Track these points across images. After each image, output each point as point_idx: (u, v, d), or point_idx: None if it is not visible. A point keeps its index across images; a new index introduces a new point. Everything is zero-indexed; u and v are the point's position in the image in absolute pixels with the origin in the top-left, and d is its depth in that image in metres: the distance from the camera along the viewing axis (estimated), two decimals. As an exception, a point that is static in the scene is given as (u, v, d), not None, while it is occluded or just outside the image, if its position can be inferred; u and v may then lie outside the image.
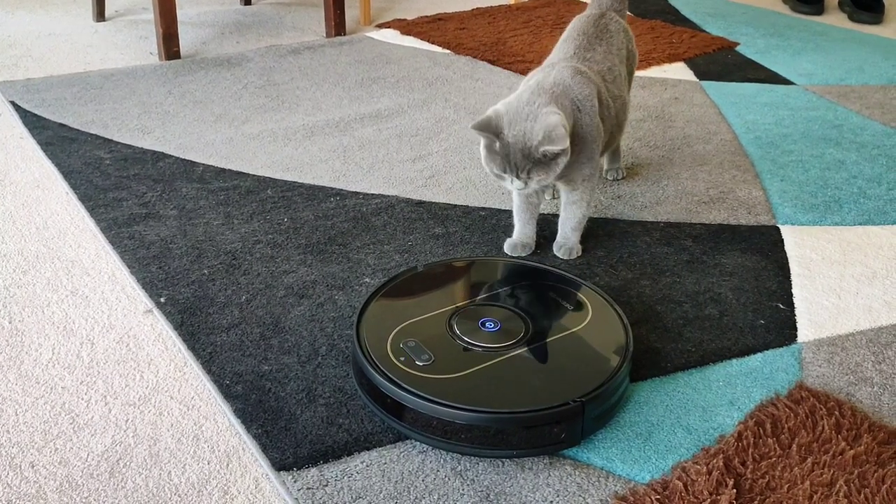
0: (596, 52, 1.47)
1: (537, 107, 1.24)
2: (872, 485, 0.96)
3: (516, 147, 1.23)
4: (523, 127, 1.23)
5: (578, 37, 1.49)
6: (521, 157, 1.23)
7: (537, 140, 1.22)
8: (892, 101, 2.18)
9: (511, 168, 1.24)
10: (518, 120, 1.23)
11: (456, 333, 1.11)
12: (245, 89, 2.21)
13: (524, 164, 1.24)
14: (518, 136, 1.23)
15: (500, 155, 1.25)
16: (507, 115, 1.24)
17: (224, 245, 1.46)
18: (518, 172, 1.24)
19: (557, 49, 1.52)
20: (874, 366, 1.18)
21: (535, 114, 1.23)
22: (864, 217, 1.59)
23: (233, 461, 1.00)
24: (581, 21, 1.54)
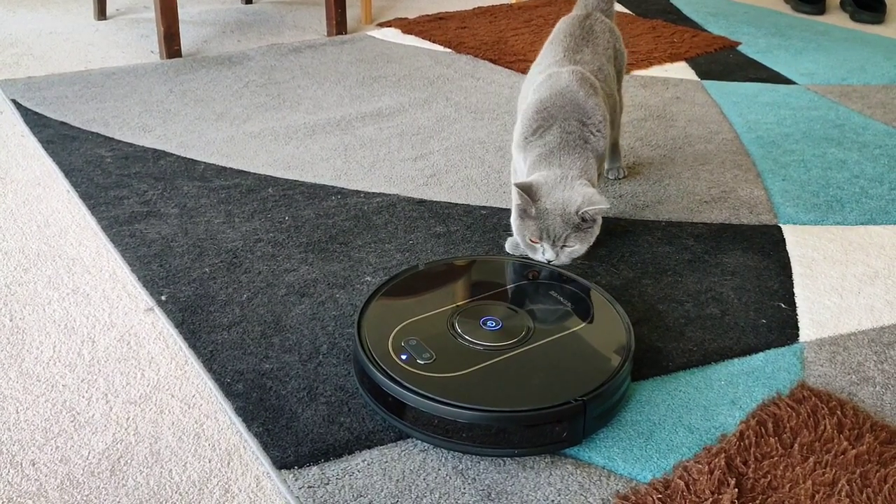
0: (584, 54, 1.47)
1: (570, 180, 1.27)
2: (874, 484, 0.96)
3: (555, 213, 1.24)
4: (561, 195, 1.25)
5: (565, 39, 1.50)
6: (560, 222, 1.24)
7: (577, 204, 1.24)
8: (894, 101, 2.17)
9: (548, 235, 1.25)
10: (556, 190, 1.26)
11: (457, 332, 1.11)
12: (246, 88, 2.21)
13: (563, 231, 1.24)
14: (557, 202, 1.25)
15: (535, 221, 1.25)
16: (545, 185, 1.27)
17: (225, 243, 1.46)
18: (554, 241, 1.25)
19: (546, 52, 1.52)
20: (876, 365, 1.18)
21: (570, 185, 1.27)
22: (865, 216, 1.59)
23: (234, 459, 1.00)
24: (566, 23, 1.55)
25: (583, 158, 1.31)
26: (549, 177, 1.28)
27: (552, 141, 1.32)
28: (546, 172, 1.29)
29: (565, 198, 1.25)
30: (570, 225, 1.24)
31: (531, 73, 1.55)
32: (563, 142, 1.32)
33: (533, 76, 1.52)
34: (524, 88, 1.55)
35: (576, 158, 1.31)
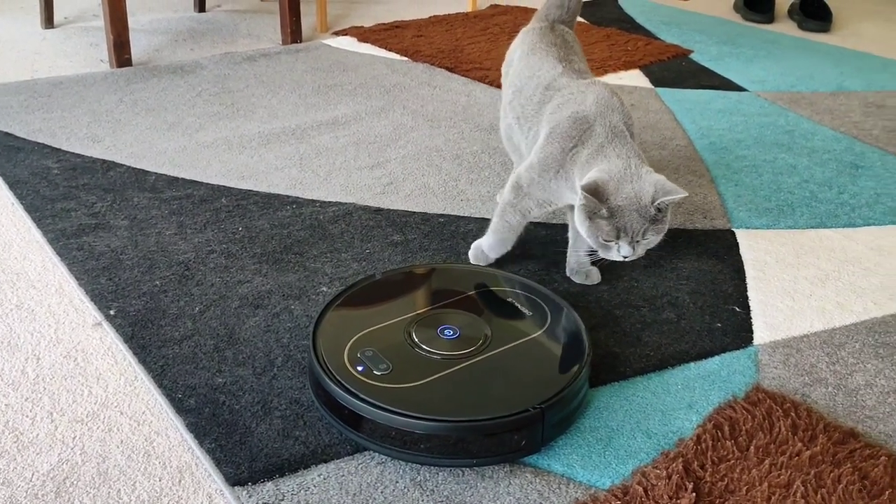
0: (574, 63, 1.41)
1: (635, 168, 1.19)
2: (828, 485, 0.97)
3: (630, 209, 1.17)
4: (632, 188, 1.17)
5: (550, 47, 1.44)
6: (637, 217, 1.17)
7: (650, 195, 1.17)
8: (841, 107, 2.23)
9: (625, 233, 1.18)
10: (624, 183, 1.18)
11: (414, 341, 1.10)
12: (199, 97, 2.17)
13: (641, 226, 1.17)
14: (630, 197, 1.17)
15: (608, 221, 1.18)
16: (612, 180, 1.18)
17: (177, 255, 1.42)
18: (632, 236, 1.18)
19: (531, 64, 1.43)
20: (828, 366, 1.20)
21: (637, 174, 1.19)
22: (815, 220, 1.62)
23: (185, 477, 0.97)
24: (538, 34, 1.48)
25: (635, 148, 1.23)
26: (612, 170, 1.19)
27: (599, 138, 1.24)
28: (606, 166, 1.20)
29: (637, 190, 1.17)
30: (647, 218, 1.17)
31: (506, 91, 1.48)
32: (612, 134, 1.24)
33: (517, 92, 1.43)
34: (506, 106, 1.47)
35: (629, 148, 1.22)
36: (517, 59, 1.49)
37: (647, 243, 1.20)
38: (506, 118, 1.49)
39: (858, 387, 1.15)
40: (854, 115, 2.17)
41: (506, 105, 1.48)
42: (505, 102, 1.49)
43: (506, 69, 1.57)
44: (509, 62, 1.55)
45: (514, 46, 1.56)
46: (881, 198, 1.71)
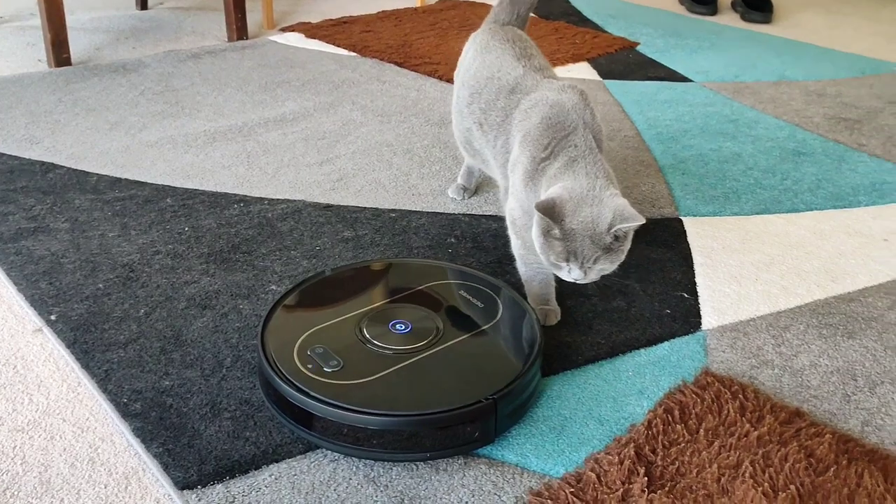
0: (534, 59, 1.36)
1: (599, 190, 1.13)
2: (776, 463, 0.99)
3: (584, 234, 1.10)
4: (590, 212, 1.11)
5: (504, 44, 1.38)
6: (589, 244, 1.11)
7: (608, 221, 1.10)
8: (783, 96, 2.27)
9: (575, 257, 1.12)
10: (583, 206, 1.11)
11: (365, 337, 1.09)
12: (142, 96, 2.12)
13: (592, 253, 1.11)
14: (585, 221, 1.10)
15: (561, 242, 1.12)
16: (570, 200, 1.12)
17: (120, 257, 1.39)
18: (583, 262, 1.12)
19: (490, 63, 1.37)
20: (774, 349, 1.22)
21: (599, 197, 1.12)
22: (760, 206, 1.65)
23: (132, 483, 0.95)
24: (488, 33, 1.44)
25: (604, 167, 1.17)
26: (573, 189, 1.13)
27: (571, 151, 1.17)
28: (570, 183, 1.14)
29: (594, 214, 1.10)
30: (601, 245, 1.11)
31: (462, 93, 1.43)
32: (586, 149, 1.17)
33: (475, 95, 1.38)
34: (457, 107, 1.45)
35: (599, 167, 1.16)
36: (470, 59, 1.44)
37: (599, 270, 1.14)
38: (464, 121, 1.42)
39: (803, 367, 1.18)
40: (796, 103, 2.22)
41: (463, 108, 1.41)
42: (462, 105, 1.42)
43: (458, 78, 1.50)
44: (461, 66, 1.50)
45: (465, 51, 1.51)
46: (822, 183, 1.75)
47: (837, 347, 1.22)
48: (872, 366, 1.18)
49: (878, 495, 0.94)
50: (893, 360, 1.19)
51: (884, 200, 1.68)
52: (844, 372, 1.17)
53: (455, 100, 1.48)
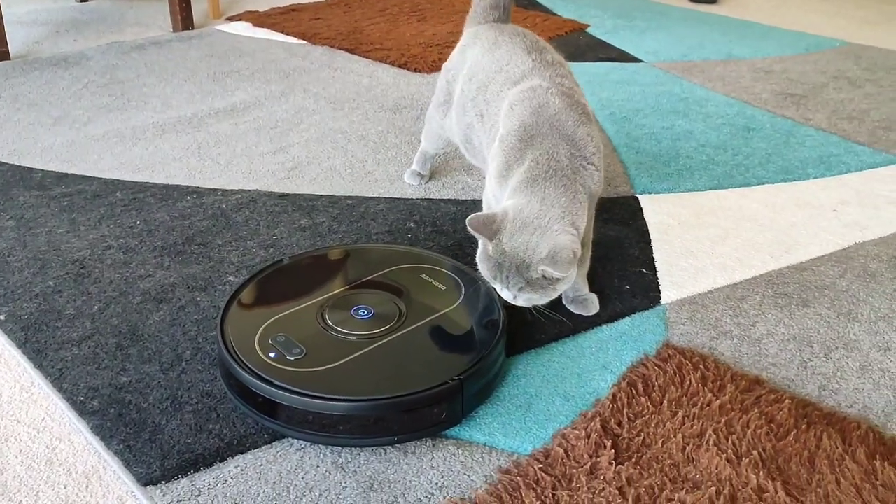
0: (546, 54, 1.29)
1: (548, 221, 1.06)
2: (738, 430, 1.00)
3: (512, 261, 1.06)
4: (527, 240, 1.05)
5: (515, 38, 1.32)
6: (515, 271, 1.06)
7: (539, 257, 1.05)
8: (732, 74, 2.31)
9: (502, 279, 1.08)
10: (524, 231, 1.06)
11: (328, 324, 1.08)
12: (86, 89, 2.07)
13: (517, 281, 1.06)
14: (518, 248, 1.05)
15: (493, 260, 1.08)
16: (513, 221, 1.06)
17: (70, 254, 1.35)
18: (508, 287, 1.08)
19: (500, 57, 1.30)
20: (732, 319, 1.24)
21: (544, 228, 1.06)
22: (713, 182, 1.68)
23: (93, 482, 0.92)
24: (494, 29, 1.38)
25: (569, 194, 1.10)
26: (523, 210, 1.07)
27: (535, 167, 1.11)
28: (523, 202, 1.08)
29: (531, 244, 1.05)
30: (526, 278, 1.06)
31: (467, 87, 1.35)
32: (550, 169, 1.10)
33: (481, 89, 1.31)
34: (460, 101, 1.37)
35: (561, 193, 1.09)
36: (477, 55, 1.36)
37: (528, 298, 1.09)
38: (466, 115, 1.36)
39: (761, 336, 1.20)
40: (744, 80, 2.25)
41: (467, 102, 1.34)
42: (466, 98, 1.35)
43: (453, 73, 1.43)
44: (457, 65, 1.43)
45: (460, 48, 1.44)
46: (772, 157, 1.79)
47: (793, 316, 1.25)
48: (827, 332, 1.21)
49: (836, 456, 0.97)
50: (846, 327, 1.22)
51: (831, 172, 1.72)
52: (800, 339, 1.19)
53: (458, 96, 1.39)
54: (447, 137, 1.51)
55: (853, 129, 1.93)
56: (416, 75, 2.25)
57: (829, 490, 0.92)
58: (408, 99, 2.07)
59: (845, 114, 2.02)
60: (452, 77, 1.45)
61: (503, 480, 0.93)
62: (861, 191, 1.64)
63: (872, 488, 0.92)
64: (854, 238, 1.47)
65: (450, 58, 1.49)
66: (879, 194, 1.63)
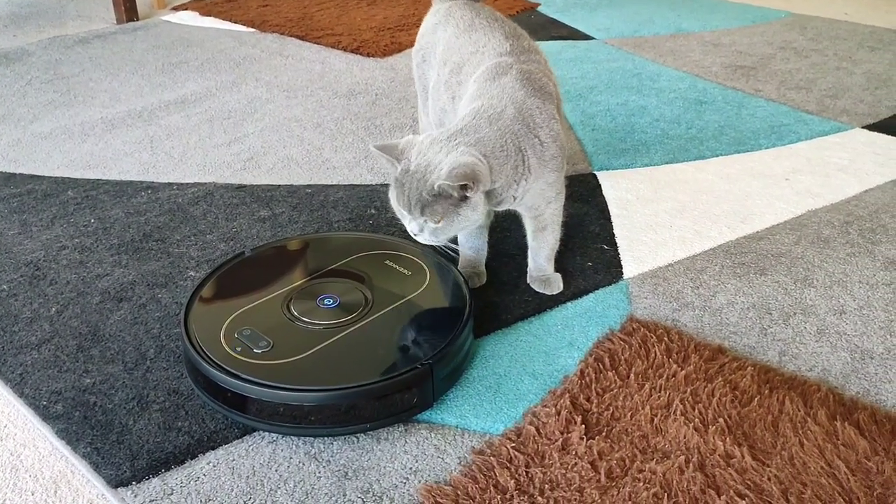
0: (523, 41, 1.27)
1: (456, 144, 1.04)
2: (704, 399, 1.02)
3: (414, 177, 1.02)
4: (432, 158, 1.02)
5: (493, 22, 1.29)
6: (415, 190, 1.02)
7: (437, 174, 1.01)
8: (682, 48, 2.34)
9: (404, 203, 1.04)
10: (431, 151, 1.03)
11: (294, 315, 1.07)
12: (29, 85, 2.01)
13: (416, 202, 1.03)
14: (421, 166, 1.02)
15: (398, 183, 1.04)
16: (423, 143, 1.04)
17: (23, 256, 1.32)
18: (410, 211, 1.04)
19: (477, 39, 1.27)
20: (693, 290, 1.26)
21: (453, 147, 1.03)
22: (669, 156, 1.70)
23: (61, 487, 0.91)
24: (467, 8, 1.34)
25: (497, 138, 1.06)
26: (432, 135, 1.05)
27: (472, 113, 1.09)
28: (435, 132, 1.07)
29: (434, 162, 1.02)
30: (423, 197, 1.02)
31: (442, 71, 1.30)
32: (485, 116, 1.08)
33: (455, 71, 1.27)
34: (439, 87, 1.32)
35: (486, 131, 1.06)
36: (451, 37, 1.32)
37: (435, 229, 1.04)
38: (440, 99, 1.31)
39: (721, 306, 1.22)
40: (694, 54, 2.28)
41: (440, 86, 1.30)
42: (440, 82, 1.31)
43: (423, 54, 1.39)
44: (429, 45, 1.38)
45: (430, 25, 1.39)
46: (725, 129, 1.82)
47: (751, 284, 1.27)
48: (784, 299, 1.24)
49: (799, 419, 0.99)
50: (803, 292, 1.25)
51: (782, 142, 1.76)
52: (760, 307, 1.22)
53: (434, 81, 1.35)
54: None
55: (801, 99, 1.97)
56: (368, 60, 2.23)
57: (794, 452, 0.95)
58: (362, 84, 2.05)
59: (793, 84, 2.06)
60: (422, 58, 1.39)
61: (477, 461, 0.93)
62: (811, 159, 1.68)
63: (834, 448, 0.95)
64: (807, 206, 1.50)
65: (417, 38, 1.42)
66: (829, 162, 1.66)
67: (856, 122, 1.85)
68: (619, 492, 0.90)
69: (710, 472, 0.92)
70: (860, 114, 1.88)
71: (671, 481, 0.91)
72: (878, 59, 2.24)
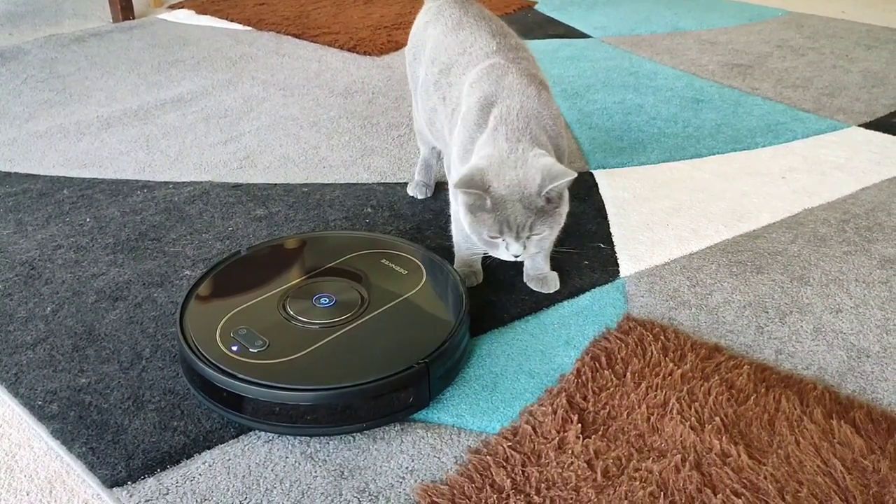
0: (510, 38, 1.28)
1: (522, 152, 1.07)
2: (700, 398, 1.02)
3: (513, 199, 1.05)
4: (516, 174, 1.05)
5: (480, 21, 1.30)
6: (521, 209, 1.05)
7: (537, 183, 1.05)
8: (679, 47, 2.33)
9: (510, 227, 1.06)
10: (505, 169, 1.06)
11: (290, 314, 1.07)
12: (25, 84, 2.00)
13: (526, 218, 1.05)
14: (512, 185, 1.05)
15: (491, 215, 1.06)
16: (490, 168, 1.06)
17: (18, 255, 1.31)
18: (519, 231, 1.06)
19: (464, 39, 1.27)
20: (690, 289, 1.26)
21: (523, 159, 1.06)
22: (666, 154, 1.70)
23: (56, 487, 0.91)
24: (457, 6, 1.34)
25: (532, 129, 1.10)
26: (493, 157, 1.07)
27: (497, 120, 1.12)
28: (489, 151, 1.09)
29: (521, 177, 1.05)
30: (533, 210, 1.05)
31: (431, 70, 1.30)
32: (511, 116, 1.11)
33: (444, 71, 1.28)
34: (423, 86, 1.33)
35: (524, 129, 1.10)
36: (439, 35, 1.32)
37: (538, 238, 1.08)
38: (430, 99, 1.32)
39: (718, 305, 1.22)
40: (691, 52, 2.28)
41: (430, 86, 1.31)
42: (429, 83, 1.31)
43: (414, 53, 1.39)
44: (419, 43, 1.38)
45: (421, 24, 1.39)
46: (722, 128, 1.82)
47: (748, 283, 1.27)
48: (781, 297, 1.24)
49: (795, 418, 0.99)
50: (799, 291, 1.25)
51: (779, 140, 1.76)
52: (756, 305, 1.22)
53: (422, 80, 1.35)
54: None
55: (798, 97, 1.97)
56: (365, 58, 2.22)
57: (790, 451, 0.95)
58: (358, 83, 2.05)
59: (790, 82, 2.06)
60: (414, 56, 1.40)
61: (473, 460, 0.93)
62: (808, 157, 1.68)
63: (830, 446, 0.95)
64: (803, 204, 1.50)
65: (410, 37, 1.42)
66: (826, 160, 1.67)
67: (852, 120, 1.85)
68: (615, 491, 0.90)
69: (706, 471, 0.92)
70: (857, 112, 1.88)
71: (667, 480, 0.91)
72: (875, 57, 2.24)
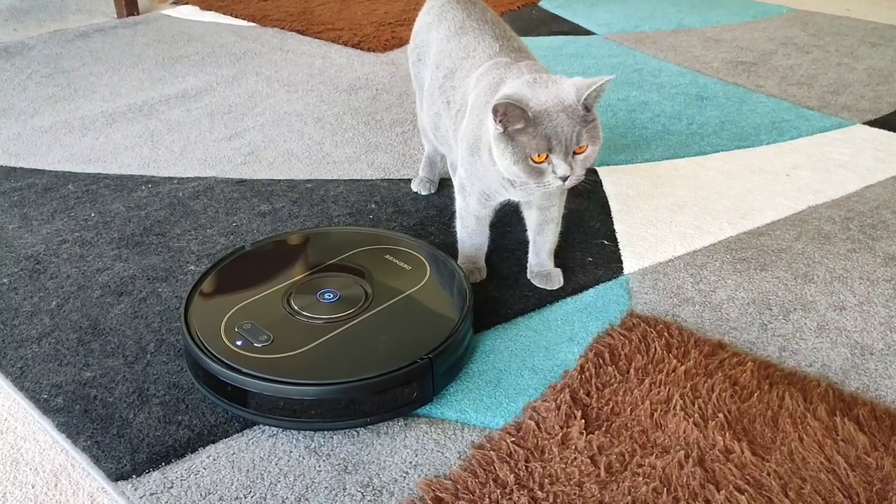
0: (512, 41, 1.27)
1: (547, 78, 1.07)
2: (704, 394, 1.03)
3: (556, 110, 1.02)
4: (550, 91, 1.04)
5: (483, 24, 1.28)
6: (565, 119, 1.02)
7: (573, 95, 1.03)
8: (683, 44, 2.33)
9: (559, 139, 1.02)
10: (538, 90, 1.04)
11: (294, 309, 1.07)
12: (30, 79, 2.00)
13: (572, 129, 1.02)
14: (551, 98, 1.03)
15: (535, 132, 1.02)
16: (523, 90, 1.05)
17: (24, 249, 1.32)
18: (567, 144, 1.03)
19: (467, 43, 1.26)
20: (693, 286, 1.26)
21: (552, 81, 1.06)
22: (669, 151, 1.70)
23: (61, 480, 0.91)
24: (459, 8, 1.32)
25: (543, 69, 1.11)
26: (521, 82, 1.06)
27: (500, 73, 1.14)
28: (513, 83, 1.08)
29: (556, 92, 1.03)
30: (577, 119, 1.02)
31: (435, 75, 1.30)
32: (511, 64, 1.14)
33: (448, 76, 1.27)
34: (429, 91, 1.33)
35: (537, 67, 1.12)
36: (443, 39, 1.31)
37: (583, 158, 1.05)
38: (434, 104, 1.31)
39: (721, 302, 1.22)
40: (695, 49, 2.28)
41: (435, 90, 1.30)
42: (434, 87, 1.30)
43: (418, 53, 1.38)
44: (423, 44, 1.37)
45: (424, 24, 1.37)
46: (726, 125, 1.81)
47: (752, 280, 1.27)
48: (785, 294, 1.24)
49: (798, 414, 0.99)
50: (803, 288, 1.25)
51: (783, 138, 1.76)
52: (760, 302, 1.22)
53: (427, 85, 1.34)
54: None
55: (803, 95, 1.97)
56: (369, 55, 2.22)
57: (793, 447, 0.95)
58: (362, 79, 2.05)
59: (794, 80, 2.06)
60: (417, 57, 1.39)
61: (476, 456, 0.94)
62: (812, 155, 1.68)
63: (834, 443, 0.95)
64: (807, 202, 1.50)
65: (412, 36, 1.41)
66: (830, 158, 1.66)
67: (857, 118, 1.84)
68: (618, 486, 0.90)
69: (709, 467, 0.92)
70: (861, 110, 1.88)
71: (671, 476, 0.91)
72: (880, 55, 2.23)
